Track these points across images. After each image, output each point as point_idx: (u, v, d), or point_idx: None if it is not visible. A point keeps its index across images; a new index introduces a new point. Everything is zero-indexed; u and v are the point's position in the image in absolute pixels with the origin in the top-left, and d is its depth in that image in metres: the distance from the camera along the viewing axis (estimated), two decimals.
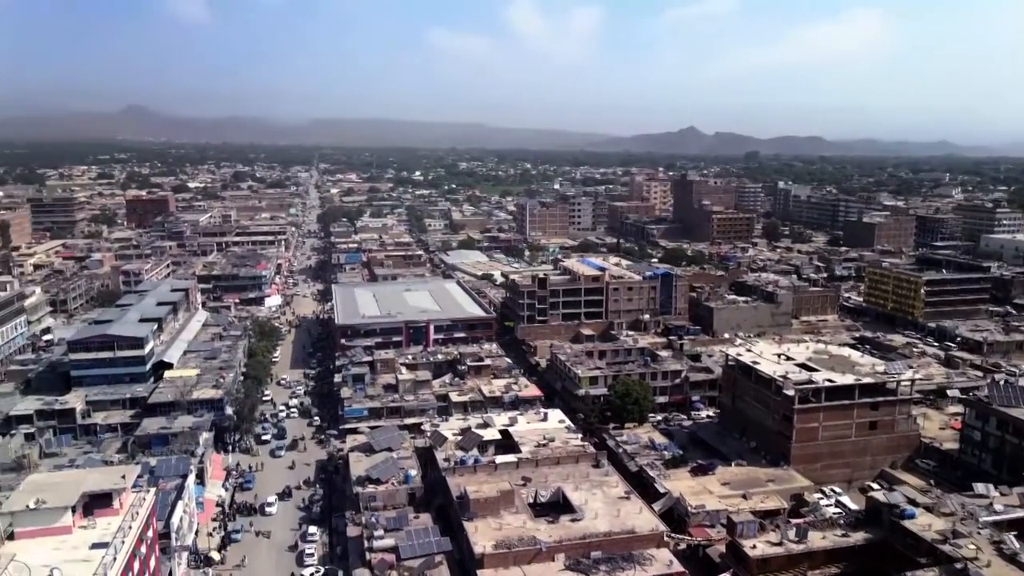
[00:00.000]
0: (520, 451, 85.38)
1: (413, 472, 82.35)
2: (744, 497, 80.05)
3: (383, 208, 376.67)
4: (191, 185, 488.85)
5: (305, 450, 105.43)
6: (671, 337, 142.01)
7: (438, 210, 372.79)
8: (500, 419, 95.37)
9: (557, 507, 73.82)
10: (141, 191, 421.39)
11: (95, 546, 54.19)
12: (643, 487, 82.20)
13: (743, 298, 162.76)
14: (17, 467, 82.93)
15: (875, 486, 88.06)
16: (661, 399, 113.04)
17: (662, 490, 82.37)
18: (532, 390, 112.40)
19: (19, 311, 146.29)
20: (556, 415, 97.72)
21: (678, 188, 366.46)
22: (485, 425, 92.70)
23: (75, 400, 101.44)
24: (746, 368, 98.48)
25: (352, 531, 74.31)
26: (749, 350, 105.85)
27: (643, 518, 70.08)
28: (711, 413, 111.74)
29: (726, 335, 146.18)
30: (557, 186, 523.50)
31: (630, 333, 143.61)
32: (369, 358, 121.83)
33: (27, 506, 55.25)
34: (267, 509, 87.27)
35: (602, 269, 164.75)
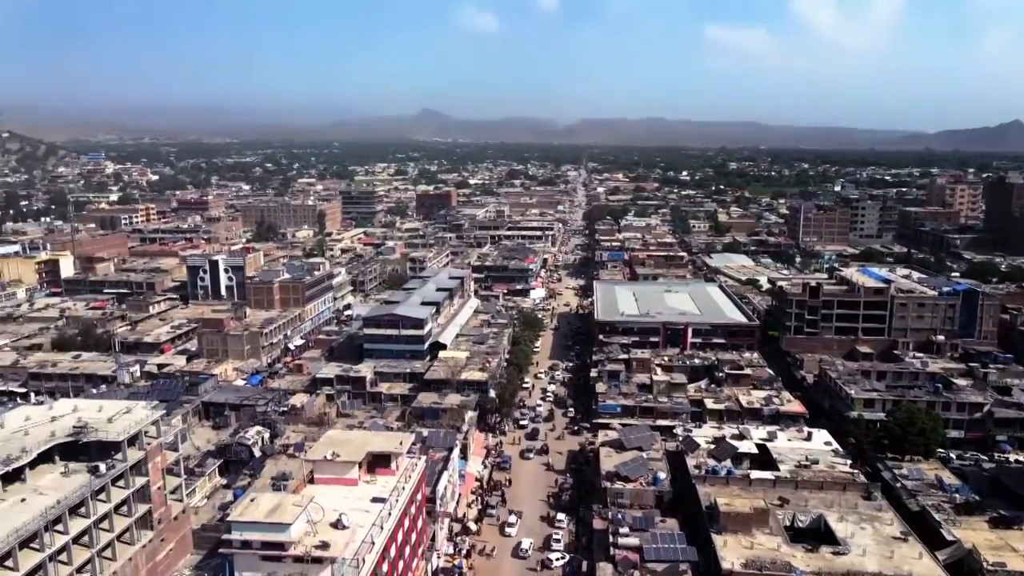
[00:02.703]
0: (778, 469, 79.88)
1: (662, 475, 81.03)
2: None
3: (647, 208, 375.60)
4: (471, 182, 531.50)
5: (551, 432, 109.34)
6: (972, 364, 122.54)
7: (703, 211, 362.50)
8: (757, 432, 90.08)
9: (817, 535, 67.81)
10: (429, 187, 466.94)
11: (375, 500, 61.12)
12: (924, 531, 72.14)
13: None
14: (319, 422, 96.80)
15: None
16: (954, 434, 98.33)
17: (950, 537, 71.58)
18: (795, 406, 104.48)
19: (328, 288, 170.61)
20: (822, 436, 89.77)
21: (993, 192, 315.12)
22: (741, 436, 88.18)
23: (366, 370, 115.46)
24: None
25: (598, 524, 75.28)
26: None
27: (923, 565, 61.63)
28: (1022, 457, 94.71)
29: None
30: (838, 188, 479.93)
31: (918, 355, 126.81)
32: (625, 356, 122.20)
33: (325, 457, 64.03)
34: (507, 530, 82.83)
35: (887, 281, 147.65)
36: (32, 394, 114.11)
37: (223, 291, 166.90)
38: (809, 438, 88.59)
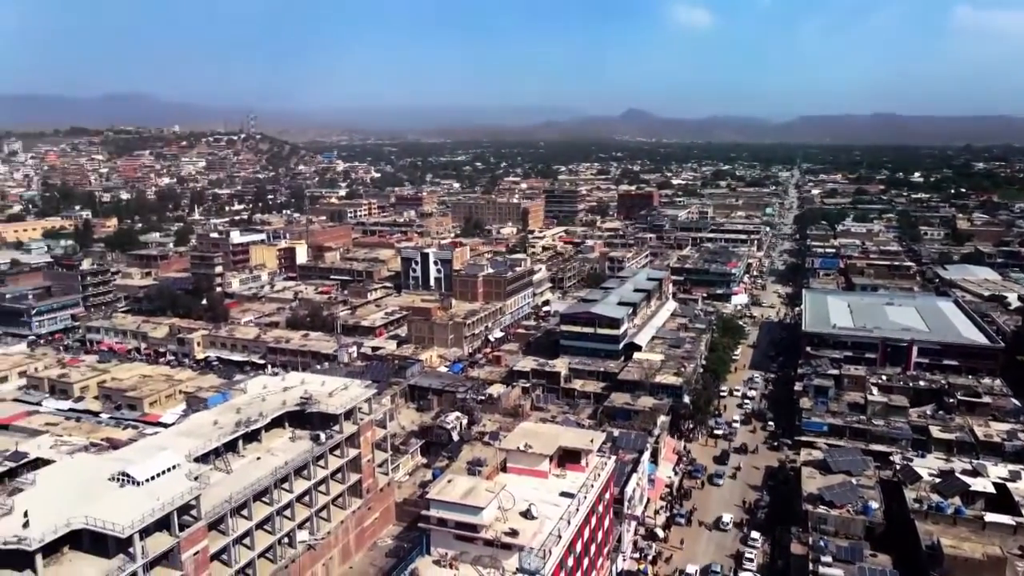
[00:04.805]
0: (1020, 514, 69.51)
1: (874, 504, 73.82)
2: None
3: (869, 212, 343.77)
4: (674, 182, 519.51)
5: (752, 435, 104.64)
6: None
7: (938, 217, 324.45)
8: (995, 470, 79.07)
9: None
10: (631, 187, 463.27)
11: (563, 494, 61.78)
12: None
13: None
14: (514, 413, 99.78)
15: None
16: None
17: None
18: None
19: (528, 284, 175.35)
20: None
21: None
22: (975, 473, 77.88)
23: (561, 365, 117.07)
24: None
25: (797, 548, 70.42)
26: None
27: None
28: None
29: None
30: None
31: None
32: (835, 371, 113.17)
33: (518, 447, 65.80)
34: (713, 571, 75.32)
35: None
36: (269, 366, 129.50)
37: (432, 282, 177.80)
38: None
